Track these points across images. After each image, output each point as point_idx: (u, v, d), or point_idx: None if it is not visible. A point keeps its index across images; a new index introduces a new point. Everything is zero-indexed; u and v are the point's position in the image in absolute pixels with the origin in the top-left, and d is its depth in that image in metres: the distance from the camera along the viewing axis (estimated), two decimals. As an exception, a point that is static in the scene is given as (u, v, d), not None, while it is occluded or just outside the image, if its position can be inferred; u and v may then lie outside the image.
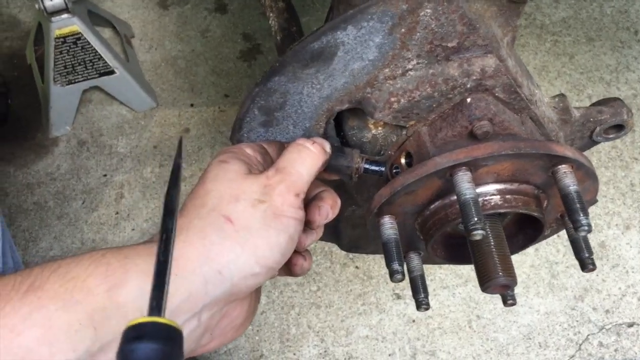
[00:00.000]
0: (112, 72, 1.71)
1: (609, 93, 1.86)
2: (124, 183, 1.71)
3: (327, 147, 0.70)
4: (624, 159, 1.74)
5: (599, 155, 1.74)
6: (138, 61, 1.91)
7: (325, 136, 0.77)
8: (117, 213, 1.66)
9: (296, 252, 0.71)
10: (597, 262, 1.58)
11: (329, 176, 0.74)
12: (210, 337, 0.59)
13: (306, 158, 0.63)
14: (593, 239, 1.62)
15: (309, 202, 0.68)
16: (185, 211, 0.58)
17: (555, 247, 1.61)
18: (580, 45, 1.96)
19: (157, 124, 1.81)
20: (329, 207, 0.66)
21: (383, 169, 0.74)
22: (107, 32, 1.93)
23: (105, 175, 1.72)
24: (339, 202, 0.68)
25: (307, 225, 0.67)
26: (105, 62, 1.68)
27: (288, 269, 0.71)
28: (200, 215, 0.57)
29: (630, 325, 1.51)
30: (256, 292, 0.65)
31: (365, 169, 0.74)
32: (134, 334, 0.38)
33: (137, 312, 0.50)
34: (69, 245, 1.61)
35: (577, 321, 1.52)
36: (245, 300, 0.61)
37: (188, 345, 0.56)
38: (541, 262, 1.59)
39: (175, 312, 0.52)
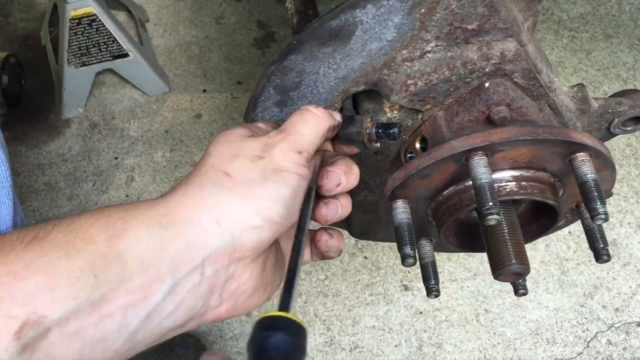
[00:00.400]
0: (125, 55, 1.71)
1: (626, 90, 1.84)
2: (135, 166, 1.71)
3: (337, 115, 0.69)
4: (638, 157, 1.72)
5: (613, 153, 1.72)
6: (152, 45, 1.91)
7: (340, 109, 0.76)
8: (127, 196, 1.66)
9: (321, 228, 0.70)
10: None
11: (349, 149, 0.73)
12: (220, 299, 0.58)
13: (308, 119, 0.63)
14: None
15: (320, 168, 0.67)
16: (189, 174, 0.59)
17: (566, 243, 1.59)
18: (598, 42, 1.94)
19: (169, 109, 1.81)
20: (340, 173, 0.65)
21: (395, 130, 0.72)
22: (121, 16, 1.93)
23: (116, 158, 1.72)
24: (355, 169, 0.67)
25: (319, 191, 0.66)
26: (120, 44, 1.68)
27: (315, 247, 0.70)
28: (200, 172, 0.58)
29: (640, 324, 1.49)
30: (274, 264, 0.64)
31: (377, 132, 0.73)
32: (268, 324, 0.43)
33: (136, 261, 0.51)
34: (79, 226, 1.62)
35: (586, 318, 1.51)
36: (256, 264, 0.59)
37: (195, 302, 0.55)
38: (551, 258, 1.58)
39: (175, 262, 0.52)
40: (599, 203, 0.65)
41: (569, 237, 1.60)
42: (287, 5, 0.98)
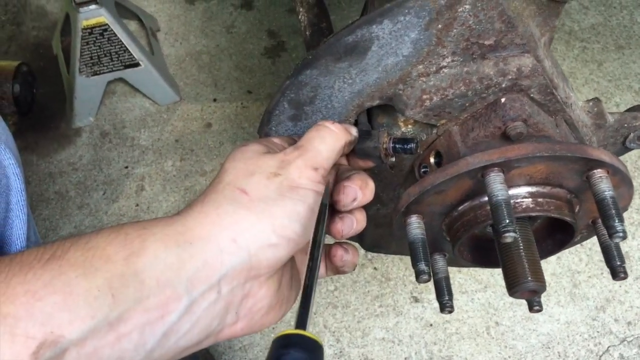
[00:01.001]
0: (137, 65, 1.71)
1: (637, 101, 1.83)
2: (145, 175, 1.71)
3: (353, 130, 0.69)
4: (651, 169, 1.71)
5: (625, 165, 1.71)
6: (163, 55, 1.91)
7: (355, 123, 0.76)
8: (137, 205, 1.66)
9: (336, 243, 0.70)
10: (625, 263, 1.55)
11: (364, 163, 0.73)
12: (236, 317, 0.58)
13: (325, 136, 0.63)
14: (617, 249, 1.59)
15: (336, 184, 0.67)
16: (204, 191, 0.59)
17: (577, 256, 1.58)
18: (609, 53, 1.93)
19: (179, 118, 1.81)
20: (356, 188, 0.64)
21: (412, 145, 0.72)
22: (133, 25, 1.94)
23: (126, 167, 1.73)
24: (371, 184, 0.66)
25: (335, 206, 0.66)
26: (131, 54, 1.68)
27: (330, 262, 0.70)
28: (217, 190, 0.58)
29: (653, 338, 1.48)
30: (290, 281, 0.63)
31: (394, 147, 0.73)
32: (284, 342, 0.45)
33: (153, 280, 0.51)
34: (89, 235, 1.62)
35: (598, 332, 1.49)
36: (272, 280, 0.59)
37: (211, 320, 0.55)
38: (563, 270, 1.57)
39: (191, 281, 0.52)
40: (617, 221, 0.64)
41: (581, 250, 1.59)
42: (300, 18, 0.98)
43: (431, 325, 1.50)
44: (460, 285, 1.56)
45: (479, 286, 1.55)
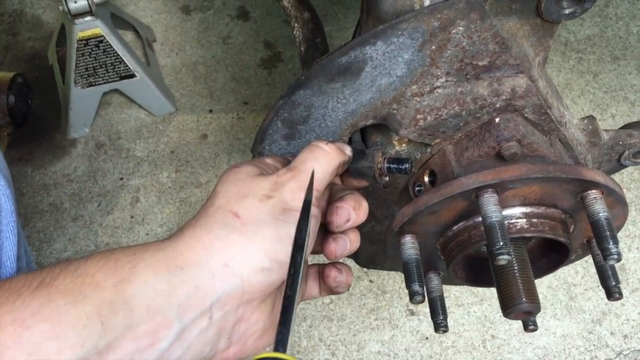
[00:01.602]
0: (132, 76, 1.71)
1: (633, 113, 1.83)
2: (140, 187, 1.71)
3: (347, 149, 0.69)
4: (647, 181, 1.71)
5: (621, 177, 1.71)
6: (159, 65, 1.91)
7: (349, 141, 0.76)
8: (132, 217, 1.66)
9: (329, 263, 0.70)
10: (620, 283, 1.55)
11: (358, 182, 0.73)
12: (229, 342, 0.57)
13: (318, 157, 0.62)
14: (613, 262, 1.59)
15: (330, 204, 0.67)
16: (196, 214, 0.58)
17: (574, 268, 1.57)
18: (605, 64, 1.93)
19: (175, 129, 1.81)
20: (350, 209, 0.64)
21: (407, 165, 0.71)
22: (129, 36, 1.93)
23: (121, 179, 1.72)
24: (364, 205, 0.66)
25: (328, 227, 0.65)
26: (127, 65, 1.68)
27: (323, 282, 0.70)
28: (208, 213, 0.57)
29: (649, 352, 1.47)
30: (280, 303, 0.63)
31: (389, 167, 0.72)
32: None
33: (143, 306, 0.50)
34: (83, 247, 1.61)
35: (594, 345, 1.48)
36: (265, 305, 0.59)
37: (203, 347, 0.55)
38: (559, 283, 1.56)
39: (183, 307, 0.52)
40: (611, 243, 0.64)
41: (577, 262, 1.58)
42: (295, 33, 0.98)
43: (427, 338, 1.50)
44: (457, 298, 1.55)
45: (475, 299, 1.55)
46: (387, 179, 0.76)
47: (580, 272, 1.57)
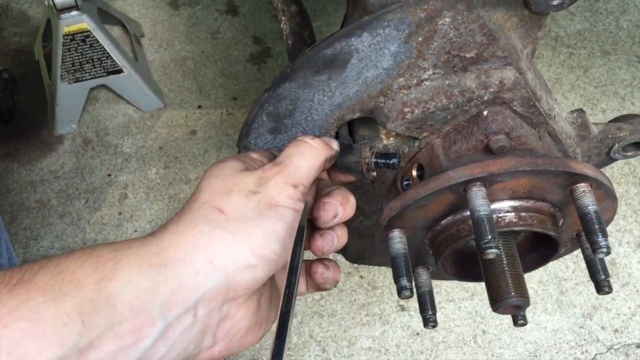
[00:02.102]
0: (120, 71, 1.69)
1: (623, 107, 1.83)
2: (128, 183, 1.69)
3: (334, 144, 0.68)
4: (637, 175, 1.71)
5: (611, 171, 1.71)
6: (147, 61, 1.89)
7: (336, 136, 0.75)
8: (120, 214, 1.64)
9: (316, 260, 0.69)
10: (609, 277, 1.55)
11: (345, 177, 0.72)
12: (213, 340, 0.56)
13: (305, 152, 0.61)
14: (603, 256, 1.59)
15: (317, 200, 0.66)
16: (180, 210, 0.57)
17: (564, 263, 1.57)
18: (595, 59, 1.93)
19: (163, 125, 1.79)
20: (337, 204, 0.63)
21: (395, 160, 0.70)
22: (116, 31, 1.91)
23: (109, 175, 1.70)
24: (352, 200, 0.65)
25: (315, 222, 0.64)
26: (114, 60, 1.66)
27: (311, 279, 0.69)
28: (192, 208, 0.56)
29: (639, 346, 1.47)
30: (269, 300, 0.62)
31: (376, 162, 0.71)
32: None
33: (126, 304, 0.49)
34: (70, 244, 1.59)
35: (585, 340, 1.49)
36: (251, 302, 0.57)
37: (187, 344, 0.53)
38: (550, 278, 1.56)
39: (166, 305, 0.50)
40: (600, 236, 0.63)
41: (567, 257, 1.58)
42: (282, 27, 0.97)
43: (418, 334, 1.49)
44: (447, 294, 1.55)
45: (466, 294, 1.54)
46: (374, 174, 0.75)
47: (570, 266, 1.57)
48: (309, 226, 0.65)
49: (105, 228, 1.62)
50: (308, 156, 0.61)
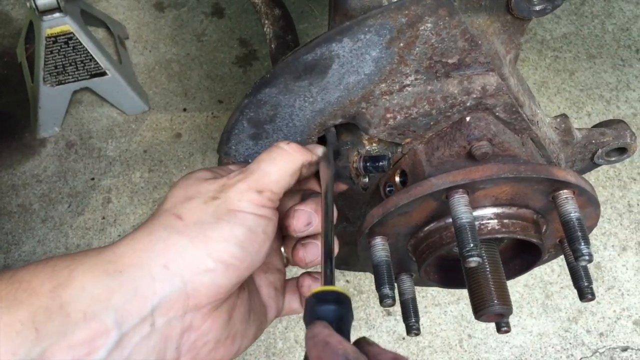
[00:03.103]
0: (103, 74, 1.67)
1: (609, 111, 1.84)
2: (112, 187, 1.67)
3: (318, 150, 0.66)
4: (622, 178, 1.72)
5: (597, 175, 1.71)
6: (131, 63, 1.87)
7: (321, 141, 0.73)
8: (103, 218, 1.62)
9: (304, 273, 0.67)
10: (592, 284, 1.56)
11: (336, 187, 0.70)
12: (177, 353, 0.54)
13: (276, 157, 0.59)
14: (589, 260, 1.59)
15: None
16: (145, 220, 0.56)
17: (550, 267, 1.57)
18: (581, 62, 1.94)
19: (148, 128, 1.77)
20: (310, 212, 0.61)
21: (384, 163, 0.70)
22: (100, 33, 1.89)
23: (92, 179, 1.68)
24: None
25: (287, 231, 0.63)
26: (97, 63, 1.64)
27: (300, 292, 0.68)
28: (153, 217, 0.56)
29: (624, 349, 1.48)
30: (245, 312, 0.60)
31: (365, 166, 0.70)
32: (317, 298, 0.49)
33: (79, 312, 0.47)
34: (53, 249, 1.57)
35: (570, 343, 1.49)
36: (219, 312, 0.56)
37: (146, 356, 0.51)
38: (535, 281, 1.56)
39: (121, 313, 0.49)
40: (582, 244, 0.63)
41: (553, 260, 1.58)
42: (266, 30, 0.96)
43: (404, 338, 1.49)
44: (433, 298, 1.54)
45: (452, 298, 1.54)
46: (366, 180, 0.74)
47: (556, 270, 1.57)
48: (293, 237, 0.64)
49: (88, 232, 1.60)
50: (279, 162, 0.59)
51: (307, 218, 0.61)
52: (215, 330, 0.56)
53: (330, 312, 0.49)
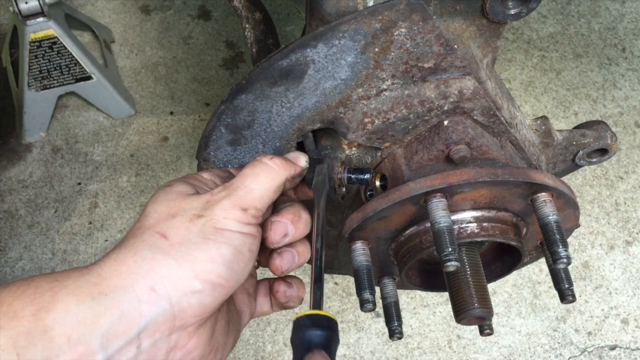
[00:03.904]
0: (89, 78, 1.66)
1: (595, 110, 1.85)
2: (99, 192, 1.66)
3: (302, 160, 0.66)
4: (609, 177, 1.72)
5: (584, 174, 1.72)
6: (117, 67, 1.86)
7: (302, 150, 0.73)
8: (90, 223, 1.61)
9: (278, 278, 0.67)
10: (580, 283, 1.56)
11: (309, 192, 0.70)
12: None
13: (260, 173, 0.59)
14: (577, 259, 1.59)
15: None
16: (125, 236, 0.55)
17: (538, 266, 1.58)
18: (568, 62, 1.94)
19: (135, 132, 1.77)
20: (287, 223, 0.61)
21: (368, 176, 0.70)
22: (86, 37, 1.89)
23: (79, 184, 1.67)
24: (303, 216, 0.63)
25: (263, 242, 0.62)
26: (82, 67, 1.63)
27: (274, 298, 0.67)
28: (135, 234, 0.54)
29: (613, 348, 1.48)
30: (225, 326, 0.60)
31: (349, 178, 0.70)
32: (303, 322, 0.52)
33: (64, 337, 0.47)
34: (39, 255, 1.56)
35: (558, 343, 1.49)
36: (203, 330, 0.55)
37: None
38: (524, 281, 1.56)
39: (107, 337, 0.48)
40: (560, 247, 0.63)
41: (541, 260, 1.58)
42: (247, 34, 0.96)
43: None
44: (422, 299, 1.54)
45: (440, 299, 1.54)
46: (344, 189, 0.74)
47: (544, 270, 1.58)
48: (266, 246, 0.63)
49: (75, 238, 1.59)
50: (263, 178, 0.59)
51: (284, 229, 0.61)
52: (200, 347, 0.55)
53: (322, 338, 0.52)
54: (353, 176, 0.71)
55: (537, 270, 1.58)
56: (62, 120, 1.78)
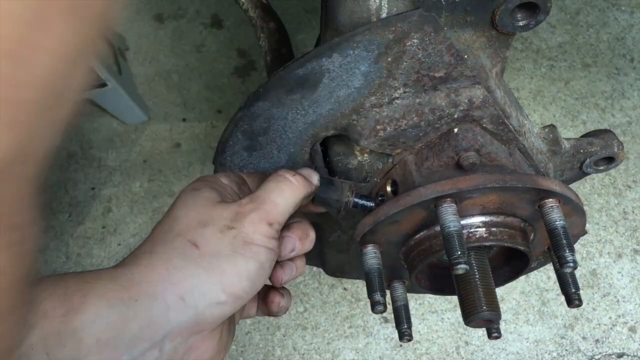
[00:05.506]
0: (103, 85, 1.69)
1: (604, 119, 1.86)
2: (112, 197, 1.69)
3: (315, 179, 0.68)
4: (617, 186, 1.73)
5: (592, 182, 1.73)
6: (131, 74, 1.90)
7: (313, 166, 0.75)
8: (103, 227, 1.64)
9: (274, 288, 0.69)
10: (588, 291, 1.57)
11: (315, 208, 0.72)
12: None
13: (284, 189, 0.61)
14: (584, 267, 1.60)
15: None
16: (152, 236, 0.57)
17: (546, 274, 1.59)
18: (576, 71, 1.96)
19: (148, 138, 1.80)
20: (296, 239, 0.64)
21: (372, 204, 0.73)
22: (100, 44, 1.92)
23: (93, 189, 1.70)
24: (311, 234, 0.66)
25: None
26: (97, 74, 1.66)
27: (265, 306, 0.69)
28: (166, 239, 0.56)
29: (620, 355, 1.49)
30: (228, 327, 0.63)
31: (355, 202, 0.73)
32: None
33: (93, 338, 0.49)
34: (54, 258, 1.59)
35: (566, 350, 1.50)
36: (215, 333, 0.58)
37: None
38: (532, 288, 1.57)
39: (134, 340, 0.50)
40: (567, 251, 0.65)
41: (549, 267, 1.59)
42: (261, 44, 0.98)
43: (401, 345, 1.50)
44: (430, 305, 1.56)
45: (448, 305, 1.55)
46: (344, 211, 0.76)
47: (552, 277, 1.59)
48: None
49: (88, 242, 1.62)
50: (287, 194, 0.61)
51: (292, 245, 0.64)
52: (212, 348, 0.58)
53: None
54: (360, 202, 0.73)
55: (544, 278, 1.59)
56: (76, 126, 1.81)
